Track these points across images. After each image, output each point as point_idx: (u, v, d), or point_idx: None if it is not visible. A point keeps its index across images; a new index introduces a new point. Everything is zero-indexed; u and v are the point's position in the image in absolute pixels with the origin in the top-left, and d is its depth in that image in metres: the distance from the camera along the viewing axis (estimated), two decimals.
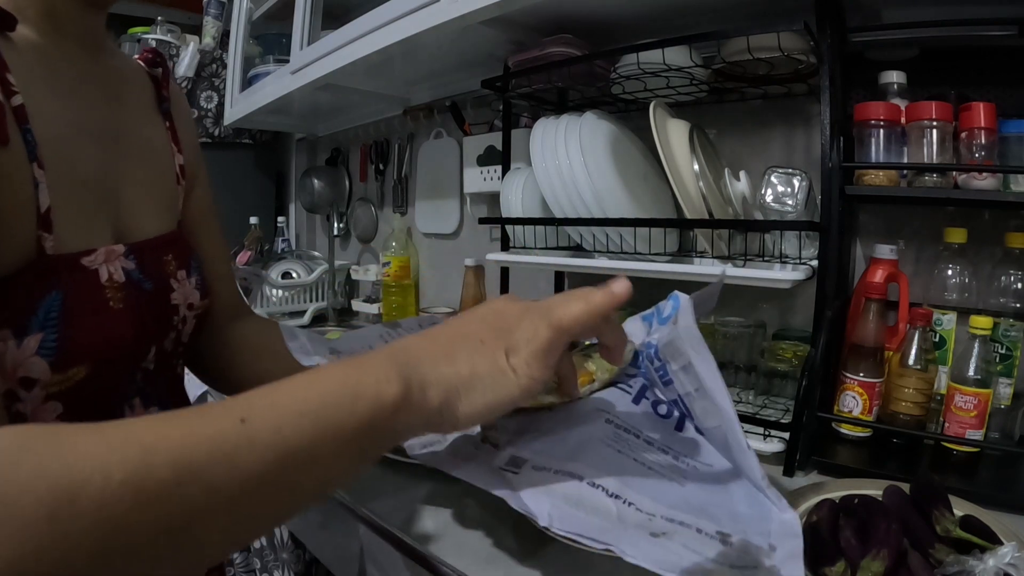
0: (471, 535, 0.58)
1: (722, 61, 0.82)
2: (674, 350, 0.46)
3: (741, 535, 0.39)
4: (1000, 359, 0.72)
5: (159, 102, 0.58)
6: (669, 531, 0.39)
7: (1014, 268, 0.73)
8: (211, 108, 1.84)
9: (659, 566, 0.35)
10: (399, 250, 1.55)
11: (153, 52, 0.60)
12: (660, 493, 0.42)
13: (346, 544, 0.67)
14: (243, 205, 1.96)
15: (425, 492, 0.67)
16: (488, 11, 0.85)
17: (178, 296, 0.52)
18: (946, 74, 0.76)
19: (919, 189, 0.72)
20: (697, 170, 0.81)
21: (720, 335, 0.92)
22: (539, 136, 0.91)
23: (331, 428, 0.27)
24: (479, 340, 0.35)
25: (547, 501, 0.40)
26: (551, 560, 0.54)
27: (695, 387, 0.46)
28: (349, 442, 0.27)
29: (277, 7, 1.58)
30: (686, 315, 0.45)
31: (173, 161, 0.58)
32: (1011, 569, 0.42)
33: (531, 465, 0.44)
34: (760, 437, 0.75)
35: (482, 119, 1.38)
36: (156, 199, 0.54)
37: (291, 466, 0.26)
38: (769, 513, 0.42)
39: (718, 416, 0.44)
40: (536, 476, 0.43)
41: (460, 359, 0.34)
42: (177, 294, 0.52)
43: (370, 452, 0.30)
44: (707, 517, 0.41)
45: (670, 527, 0.39)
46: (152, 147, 0.55)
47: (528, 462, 0.44)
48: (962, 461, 0.69)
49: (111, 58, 0.53)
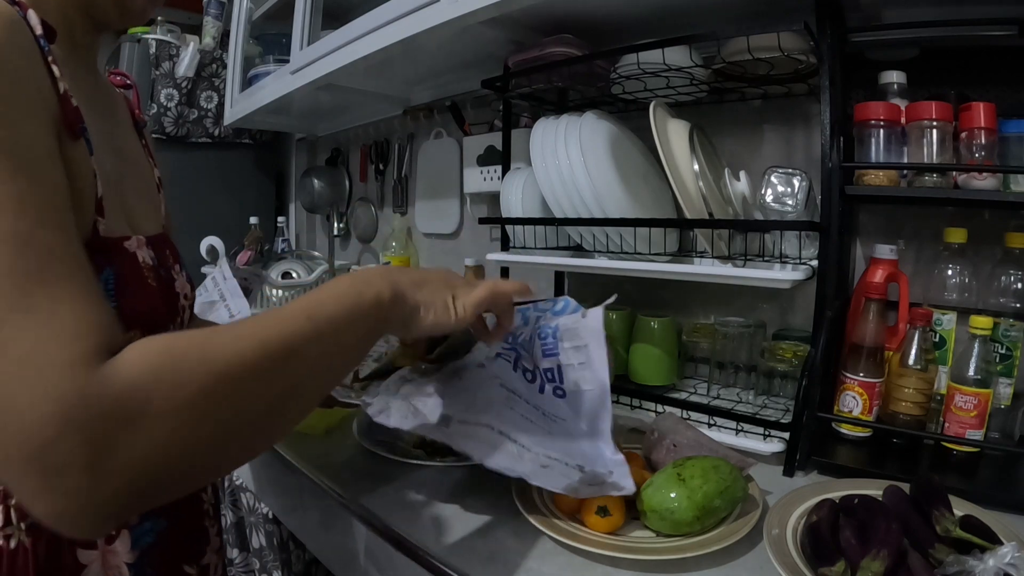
0: (471, 535, 0.58)
1: (722, 61, 0.82)
2: (574, 335, 0.63)
3: (591, 466, 0.58)
4: (1000, 359, 0.72)
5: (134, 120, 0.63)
6: (550, 464, 0.57)
7: (1014, 268, 0.73)
8: (211, 108, 1.84)
9: (551, 486, 0.55)
10: (399, 250, 1.55)
11: (123, 74, 0.66)
12: (538, 439, 0.60)
13: (346, 544, 0.67)
14: (243, 205, 1.96)
15: (425, 492, 0.67)
16: (488, 11, 0.85)
17: (179, 286, 0.57)
18: (946, 74, 0.76)
19: (919, 189, 0.72)
20: (697, 170, 0.81)
21: (720, 335, 0.92)
22: (539, 136, 0.91)
23: (357, 311, 0.43)
24: (438, 283, 0.51)
25: (475, 446, 0.57)
26: (551, 560, 0.54)
27: (579, 362, 0.63)
28: (365, 318, 0.43)
29: (277, 7, 1.58)
30: (597, 319, 0.63)
31: (153, 173, 0.63)
32: (1011, 569, 0.42)
33: (456, 420, 0.59)
34: (760, 437, 0.75)
35: (482, 119, 1.38)
36: (148, 204, 0.59)
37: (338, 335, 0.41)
38: (604, 454, 0.61)
39: (594, 383, 0.63)
40: (462, 428, 0.58)
41: (426, 290, 0.50)
42: (178, 284, 0.56)
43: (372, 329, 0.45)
44: (568, 455, 0.59)
45: (549, 462, 0.58)
46: (140, 159, 0.61)
47: (453, 418, 0.59)
48: (962, 461, 0.69)
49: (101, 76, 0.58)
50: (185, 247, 0.64)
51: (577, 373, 0.63)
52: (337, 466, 0.73)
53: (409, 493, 0.67)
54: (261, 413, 0.36)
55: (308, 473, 0.72)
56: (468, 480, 0.69)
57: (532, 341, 0.66)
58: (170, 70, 1.76)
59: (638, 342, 0.97)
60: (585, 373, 0.63)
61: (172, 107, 1.78)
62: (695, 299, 1.06)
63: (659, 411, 0.84)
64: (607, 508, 0.57)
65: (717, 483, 0.56)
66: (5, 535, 0.41)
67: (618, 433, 0.76)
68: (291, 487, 0.77)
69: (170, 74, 1.76)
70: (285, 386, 0.37)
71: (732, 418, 0.76)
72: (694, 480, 0.56)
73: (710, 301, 1.04)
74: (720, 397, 0.91)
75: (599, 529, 0.57)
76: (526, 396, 0.64)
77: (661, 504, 0.56)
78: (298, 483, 0.74)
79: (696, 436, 0.68)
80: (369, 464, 0.74)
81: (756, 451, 0.73)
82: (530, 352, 0.66)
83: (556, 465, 0.57)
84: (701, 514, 0.55)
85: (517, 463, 0.56)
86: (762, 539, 0.53)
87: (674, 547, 0.54)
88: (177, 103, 1.78)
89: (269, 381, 0.35)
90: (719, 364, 0.93)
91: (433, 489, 0.67)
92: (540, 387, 0.65)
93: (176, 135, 1.81)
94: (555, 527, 0.57)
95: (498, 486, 0.67)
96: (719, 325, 0.94)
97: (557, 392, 0.65)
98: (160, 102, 1.76)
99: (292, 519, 0.82)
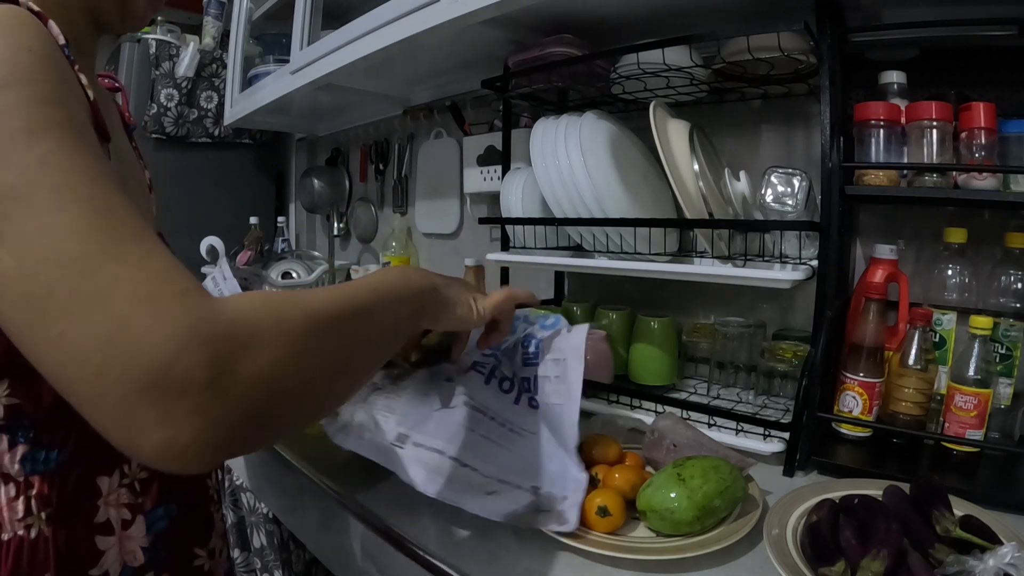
0: (471, 535, 0.58)
1: (722, 61, 0.82)
2: (556, 348, 0.67)
3: (548, 487, 0.59)
4: (1000, 359, 0.72)
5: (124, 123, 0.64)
6: (498, 491, 0.57)
7: (1014, 268, 0.73)
8: (211, 108, 1.85)
9: (491, 514, 0.55)
10: (399, 250, 1.55)
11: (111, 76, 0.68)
12: (495, 458, 0.60)
13: (346, 544, 0.67)
14: (243, 205, 1.96)
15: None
16: (488, 11, 0.85)
17: None
18: (946, 74, 0.76)
19: (919, 189, 0.72)
20: (697, 170, 0.81)
21: (720, 335, 0.92)
22: (539, 136, 0.91)
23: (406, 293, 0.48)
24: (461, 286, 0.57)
25: (418, 472, 0.58)
26: (551, 560, 0.54)
27: (556, 375, 0.66)
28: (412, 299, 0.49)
29: (277, 7, 1.58)
30: (580, 336, 0.67)
31: (144, 175, 0.64)
32: (1011, 569, 0.42)
33: (412, 441, 0.60)
34: (760, 437, 0.75)
35: (482, 119, 1.38)
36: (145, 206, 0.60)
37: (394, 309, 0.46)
38: (568, 471, 0.61)
39: (566, 398, 0.65)
40: (414, 451, 0.59)
41: (453, 289, 0.56)
42: None
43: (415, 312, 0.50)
44: (525, 475, 0.59)
45: (499, 487, 0.58)
46: (133, 161, 0.62)
47: (410, 438, 0.60)
48: (962, 461, 0.69)
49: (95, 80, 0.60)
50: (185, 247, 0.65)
51: (552, 386, 0.65)
52: (337, 466, 0.73)
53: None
54: (339, 362, 0.39)
55: (308, 473, 0.72)
56: None
57: (516, 349, 0.69)
58: (170, 70, 1.76)
59: (638, 342, 0.97)
60: (560, 387, 0.65)
61: (172, 107, 1.78)
62: (695, 299, 1.06)
63: (659, 411, 0.84)
64: (607, 508, 0.57)
65: (717, 483, 0.56)
66: (25, 525, 0.42)
67: (618, 433, 0.76)
68: (291, 487, 0.77)
69: (170, 74, 1.76)
70: (357, 341, 0.41)
71: (732, 418, 0.76)
72: (694, 480, 0.56)
73: (710, 301, 1.04)
74: (720, 397, 0.91)
75: (599, 529, 0.57)
76: (494, 411, 0.64)
77: (661, 504, 0.56)
78: (298, 483, 0.74)
79: (696, 436, 0.68)
80: (369, 464, 0.73)
81: (756, 451, 0.73)
82: (511, 360, 0.68)
83: (506, 490, 0.57)
84: (701, 514, 0.55)
85: (460, 493, 0.56)
86: (762, 539, 0.53)
87: (674, 547, 0.54)
88: (177, 103, 1.79)
89: (346, 333, 0.39)
90: (719, 364, 0.93)
91: None
92: (516, 397, 0.66)
93: (176, 135, 1.81)
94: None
95: None
96: (719, 325, 0.94)
97: (532, 403, 0.66)
98: (160, 102, 1.76)
99: (292, 519, 0.82)
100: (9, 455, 0.41)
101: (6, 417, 0.41)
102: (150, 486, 0.49)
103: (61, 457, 0.43)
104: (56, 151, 0.32)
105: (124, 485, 0.47)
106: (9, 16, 0.36)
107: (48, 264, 0.29)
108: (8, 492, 0.42)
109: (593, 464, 0.65)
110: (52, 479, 0.43)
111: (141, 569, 0.48)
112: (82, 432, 0.40)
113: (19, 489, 0.42)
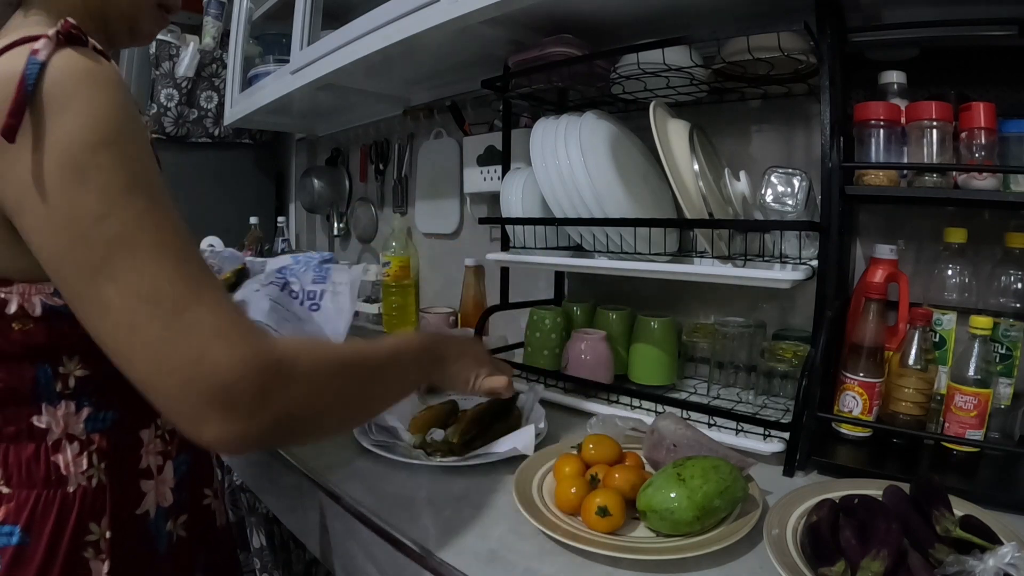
0: (471, 535, 0.58)
1: (722, 61, 0.82)
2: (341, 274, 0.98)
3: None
4: (1000, 359, 0.72)
5: None
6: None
7: (1014, 268, 0.73)
8: (211, 108, 1.85)
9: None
10: (399, 250, 1.55)
11: None
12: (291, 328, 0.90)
13: (346, 545, 0.67)
14: (243, 205, 1.96)
15: (425, 493, 0.67)
16: (488, 11, 0.85)
17: None
18: (946, 74, 0.76)
19: (919, 189, 0.72)
20: (697, 170, 0.81)
21: (720, 335, 0.92)
22: (539, 136, 0.91)
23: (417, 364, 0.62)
24: (472, 362, 0.69)
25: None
26: (551, 560, 0.54)
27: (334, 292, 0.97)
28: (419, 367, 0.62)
29: (277, 7, 1.58)
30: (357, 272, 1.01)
31: None
32: (1011, 569, 0.42)
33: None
34: (760, 437, 0.75)
35: (482, 119, 1.38)
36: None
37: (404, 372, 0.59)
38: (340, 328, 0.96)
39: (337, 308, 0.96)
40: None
41: (459, 365, 0.68)
42: None
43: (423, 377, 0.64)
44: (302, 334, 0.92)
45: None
46: None
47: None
48: (962, 461, 0.69)
49: None
50: None
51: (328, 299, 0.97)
52: (337, 466, 0.73)
53: (409, 493, 0.67)
54: (352, 403, 0.52)
55: (308, 473, 0.72)
56: (468, 480, 0.69)
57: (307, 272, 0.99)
58: (170, 70, 1.76)
59: (638, 342, 0.97)
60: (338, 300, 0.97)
61: (172, 107, 1.78)
62: (695, 299, 1.06)
63: (659, 411, 0.84)
64: (607, 508, 0.57)
65: (717, 483, 0.56)
66: (87, 477, 0.52)
67: (618, 434, 0.76)
68: (291, 487, 0.77)
69: (170, 74, 1.76)
70: (370, 390, 0.53)
71: (732, 418, 0.76)
72: (694, 480, 0.56)
73: (710, 301, 1.04)
74: (720, 397, 0.91)
75: (599, 529, 0.57)
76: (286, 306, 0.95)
77: (661, 504, 0.56)
78: (298, 483, 0.74)
79: (696, 436, 0.68)
80: (369, 464, 0.74)
81: (756, 451, 0.73)
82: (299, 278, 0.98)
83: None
84: (701, 514, 0.55)
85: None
86: (762, 539, 0.53)
87: (674, 547, 0.54)
88: (177, 103, 1.79)
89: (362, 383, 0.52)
90: (719, 364, 0.93)
91: (433, 489, 0.67)
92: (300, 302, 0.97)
93: (176, 135, 1.81)
94: (555, 527, 0.57)
95: (498, 486, 0.67)
96: (719, 325, 0.94)
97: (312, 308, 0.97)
98: (160, 102, 1.76)
99: (292, 519, 0.82)
100: (75, 417, 0.51)
101: (76, 386, 0.50)
102: (175, 435, 0.59)
103: (114, 416, 0.53)
104: (151, 209, 0.41)
105: (158, 436, 0.58)
106: (106, 74, 0.43)
107: (148, 302, 0.39)
108: (73, 450, 0.51)
109: (593, 464, 0.65)
110: (108, 435, 0.53)
111: (170, 509, 0.58)
112: (126, 395, 0.45)
113: (82, 446, 0.51)
